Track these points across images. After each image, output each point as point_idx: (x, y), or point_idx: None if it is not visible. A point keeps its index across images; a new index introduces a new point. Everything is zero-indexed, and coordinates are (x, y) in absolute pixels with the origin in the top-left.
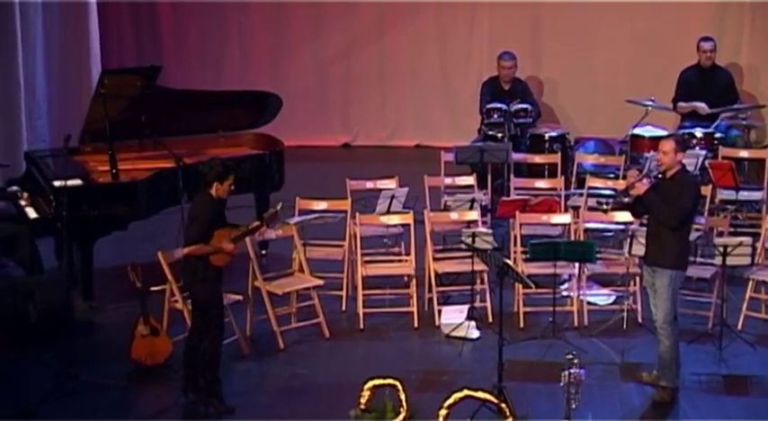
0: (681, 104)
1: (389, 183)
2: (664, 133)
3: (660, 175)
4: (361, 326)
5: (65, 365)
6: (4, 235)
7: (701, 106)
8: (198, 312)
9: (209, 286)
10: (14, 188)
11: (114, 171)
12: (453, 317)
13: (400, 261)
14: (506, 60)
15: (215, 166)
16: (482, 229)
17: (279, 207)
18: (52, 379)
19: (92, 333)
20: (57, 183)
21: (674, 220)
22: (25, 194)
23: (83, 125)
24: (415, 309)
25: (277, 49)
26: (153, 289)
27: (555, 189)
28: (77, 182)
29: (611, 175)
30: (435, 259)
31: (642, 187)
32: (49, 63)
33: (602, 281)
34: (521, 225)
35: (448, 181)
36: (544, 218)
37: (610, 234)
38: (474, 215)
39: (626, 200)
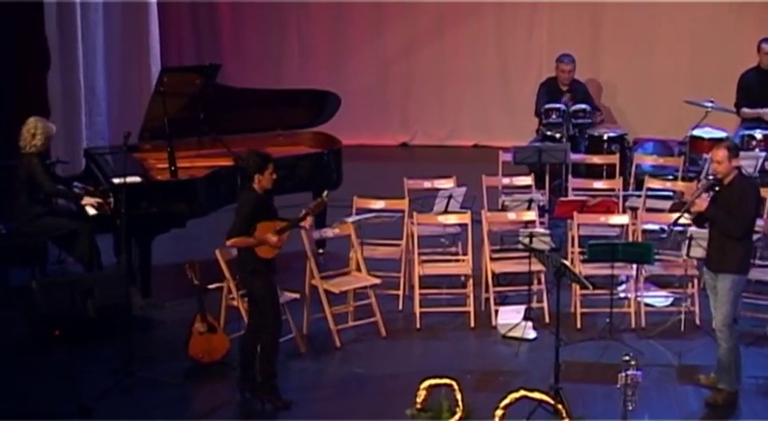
0: (745, 110)
1: (447, 183)
2: (723, 135)
3: (718, 181)
4: (418, 325)
5: (123, 362)
6: (63, 231)
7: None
8: (254, 308)
9: (260, 278)
10: (78, 185)
11: (173, 168)
12: (510, 317)
13: (457, 261)
14: (565, 63)
15: (252, 159)
16: (540, 230)
17: (324, 196)
18: (110, 375)
19: (150, 330)
20: (116, 181)
21: (739, 231)
22: (93, 195)
23: (142, 123)
24: (471, 309)
25: (336, 48)
26: (210, 286)
27: (613, 190)
28: (136, 179)
29: (670, 177)
30: (492, 259)
31: (702, 203)
32: (110, 61)
33: (659, 282)
34: (578, 225)
35: (506, 181)
36: (602, 218)
37: (664, 236)
38: (532, 215)
39: (687, 217)
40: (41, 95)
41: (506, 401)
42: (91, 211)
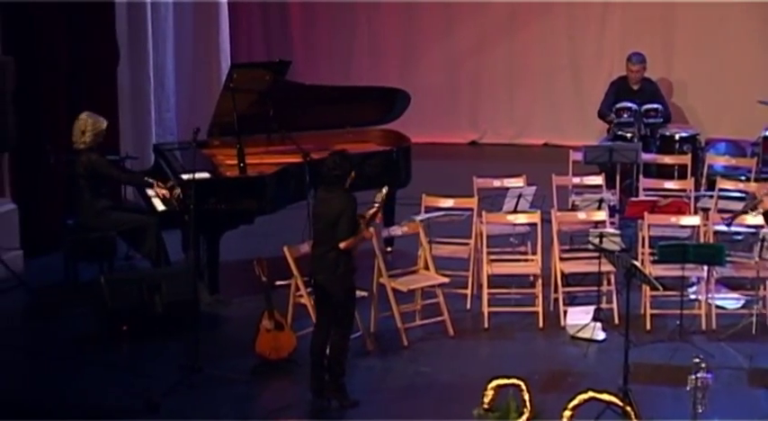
0: None
1: (517, 182)
2: None
3: None
4: (486, 324)
5: (190, 358)
6: (130, 226)
7: None
8: (331, 308)
9: (348, 280)
10: (150, 181)
11: (242, 165)
12: (579, 318)
13: (526, 260)
14: (635, 63)
15: (341, 160)
16: (610, 230)
17: (384, 190)
18: (177, 371)
19: (217, 326)
20: (185, 176)
21: None
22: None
23: (211, 119)
24: (540, 309)
25: (407, 46)
26: (278, 283)
27: (684, 190)
28: (205, 175)
29: (743, 178)
30: (562, 259)
31: None
32: (179, 57)
33: (731, 284)
34: (649, 226)
35: (576, 180)
36: (673, 219)
37: (740, 237)
38: (602, 215)
39: (754, 215)
40: (110, 91)
41: (574, 402)
42: (159, 207)
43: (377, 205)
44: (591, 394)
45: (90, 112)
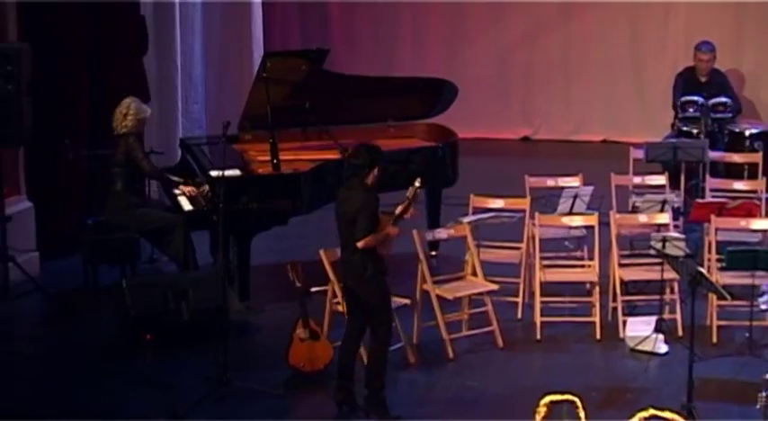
0: None
1: (573, 181)
2: None
3: None
4: (538, 335)
5: (218, 369)
6: (156, 225)
7: None
8: (362, 314)
9: (379, 283)
10: (175, 179)
11: (275, 161)
12: (639, 329)
13: (582, 266)
14: (704, 52)
15: (366, 152)
16: (673, 234)
17: (417, 183)
18: (204, 383)
19: (247, 335)
20: (213, 173)
21: None
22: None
23: (243, 111)
24: (597, 320)
25: (453, 33)
26: (314, 289)
27: (755, 191)
28: (236, 172)
29: None
30: (621, 265)
31: None
32: (208, 45)
33: None
34: (716, 230)
35: (637, 180)
36: (742, 223)
37: None
38: (665, 218)
39: None
40: (136, 82)
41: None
42: (186, 207)
43: (407, 200)
44: (652, 412)
45: (135, 98)
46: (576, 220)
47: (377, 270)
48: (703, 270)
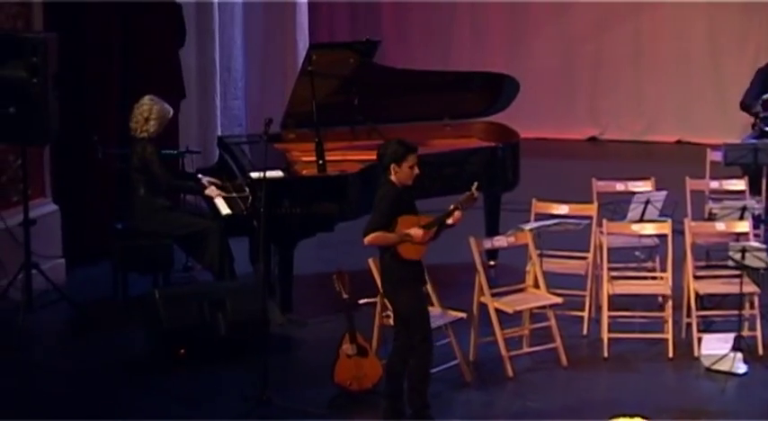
0: None
1: (644, 186)
2: None
3: None
4: (606, 353)
5: (257, 387)
6: (190, 231)
7: None
8: (402, 325)
9: (407, 289)
10: (205, 178)
11: (321, 162)
12: (716, 347)
13: (654, 278)
14: None
15: (391, 146)
16: (754, 244)
17: (474, 188)
18: (242, 402)
19: (289, 350)
20: (254, 175)
21: None
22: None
23: (286, 108)
24: (670, 336)
25: (515, 25)
26: (362, 301)
27: None
28: (278, 174)
29: None
30: (696, 277)
31: None
32: (249, 36)
33: None
34: None
35: (714, 184)
36: None
37: None
38: (744, 226)
39: None
40: (172, 76)
41: None
42: (224, 210)
43: (452, 206)
44: None
45: (154, 96)
46: (648, 228)
47: (403, 275)
48: None
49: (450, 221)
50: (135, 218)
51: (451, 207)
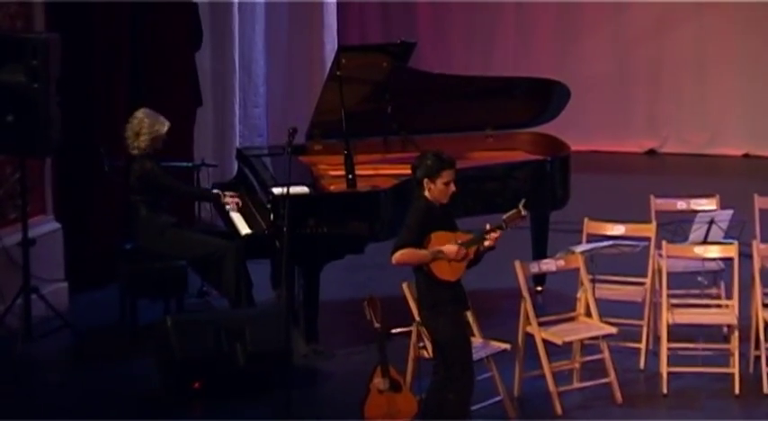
0: None
1: (708, 204)
2: None
3: None
4: (665, 389)
5: None
6: (204, 251)
7: None
8: (440, 356)
9: (445, 313)
10: (216, 191)
11: (351, 177)
12: None
13: (719, 306)
14: None
15: (425, 159)
16: None
17: (521, 205)
18: None
19: (315, 384)
20: (276, 191)
21: None
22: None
23: (312, 117)
24: (736, 371)
25: (565, 26)
26: (395, 331)
27: None
28: (303, 189)
29: None
30: (766, 306)
31: None
32: (271, 38)
33: None
34: None
35: None
36: None
37: None
38: None
39: None
40: (186, 82)
41: None
42: (243, 229)
43: (502, 223)
44: None
45: (148, 110)
46: (712, 251)
47: (440, 298)
48: None
49: (488, 242)
50: (141, 239)
51: (493, 225)
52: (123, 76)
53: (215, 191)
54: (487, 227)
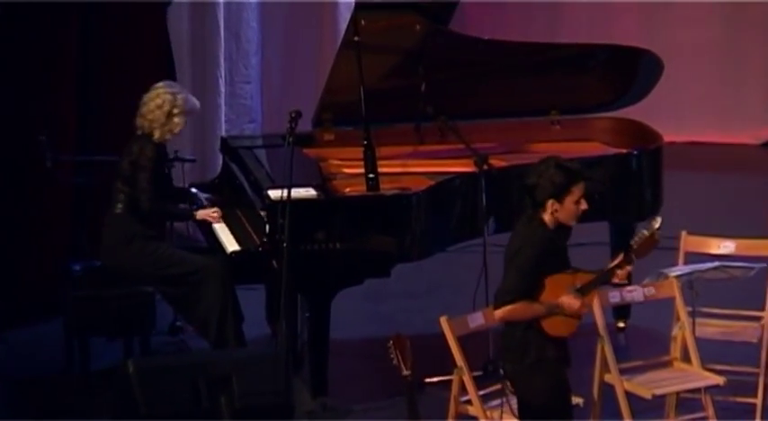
0: None
1: None
2: None
3: None
4: None
5: None
6: (181, 272)
7: None
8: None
9: (546, 377)
10: (202, 195)
11: (372, 176)
12: None
13: None
14: None
15: (546, 172)
16: None
17: (657, 226)
18: None
19: None
20: (273, 194)
21: None
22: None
23: (321, 96)
24: None
25: None
26: (429, 380)
27: None
28: (310, 192)
29: None
30: None
31: None
32: None
33: None
34: None
35: None
36: None
37: None
38: None
39: None
40: (156, 47)
41: None
42: (230, 246)
43: (617, 261)
44: None
45: (170, 82)
46: None
47: (544, 355)
48: None
49: (617, 280)
50: (103, 247)
51: (621, 256)
52: (72, 44)
53: (196, 194)
54: (615, 262)
